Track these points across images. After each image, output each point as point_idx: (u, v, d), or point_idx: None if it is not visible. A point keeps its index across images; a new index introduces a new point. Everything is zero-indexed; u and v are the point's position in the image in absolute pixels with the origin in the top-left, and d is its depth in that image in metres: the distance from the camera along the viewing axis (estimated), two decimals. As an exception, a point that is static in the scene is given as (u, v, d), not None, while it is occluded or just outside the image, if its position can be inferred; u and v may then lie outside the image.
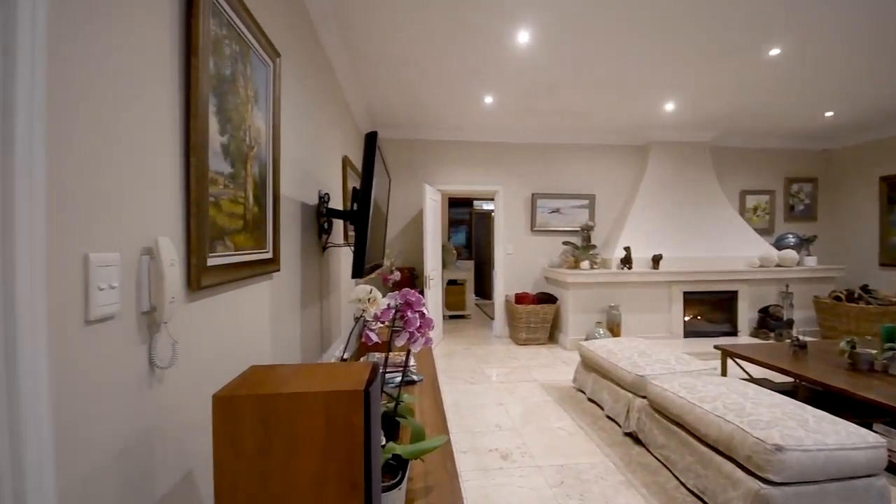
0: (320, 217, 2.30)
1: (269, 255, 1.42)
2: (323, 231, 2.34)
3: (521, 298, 5.19)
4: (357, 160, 3.87)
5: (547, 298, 5.20)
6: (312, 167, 2.24)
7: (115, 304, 0.68)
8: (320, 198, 2.31)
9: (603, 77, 3.63)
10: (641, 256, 5.01)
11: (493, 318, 6.05)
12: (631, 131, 5.41)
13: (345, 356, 1.47)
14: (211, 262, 0.98)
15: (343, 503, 0.66)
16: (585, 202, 5.60)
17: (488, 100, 4.20)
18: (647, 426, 2.52)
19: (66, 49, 0.60)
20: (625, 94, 4.07)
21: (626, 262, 4.90)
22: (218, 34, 1.03)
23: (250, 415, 0.65)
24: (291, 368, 0.78)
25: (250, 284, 1.31)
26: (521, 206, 5.55)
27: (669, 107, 4.42)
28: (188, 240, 0.91)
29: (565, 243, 5.23)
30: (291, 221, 1.80)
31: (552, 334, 5.25)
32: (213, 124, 1.00)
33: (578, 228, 5.47)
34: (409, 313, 0.99)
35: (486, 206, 8.77)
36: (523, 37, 2.90)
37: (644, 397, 2.63)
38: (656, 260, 4.94)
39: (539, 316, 5.05)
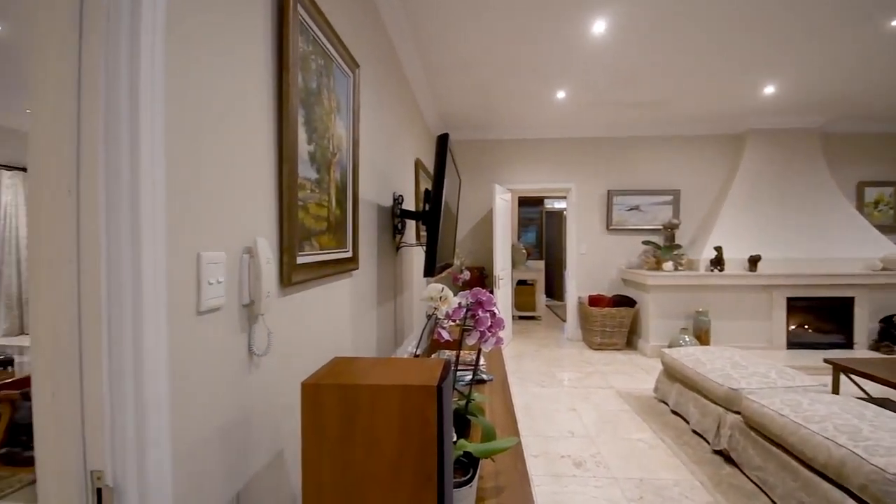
0: (394, 218, 2.39)
1: (350, 255, 1.51)
2: (397, 231, 2.43)
3: (595, 300, 4.97)
4: (429, 162, 3.96)
5: (624, 301, 4.93)
6: (387, 170, 2.33)
7: (221, 297, 0.77)
8: (394, 199, 2.41)
9: (690, 62, 3.36)
10: (735, 257, 4.55)
11: (564, 321, 5.87)
12: (723, 119, 4.93)
13: (417, 352, 1.52)
14: (300, 260, 1.07)
15: (417, 494, 0.69)
16: (668, 198, 5.21)
17: (560, 95, 4.08)
18: (740, 445, 2.29)
19: (180, 68, 0.69)
20: (716, 79, 3.72)
21: (717, 263, 4.48)
22: (305, 50, 1.12)
23: (334, 403, 0.69)
24: (370, 361, 0.82)
25: (333, 281, 1.40)
26: (595, 203, 5.32)
27: (770, 90, 3.96)
28: (281, 240, 1.00)
29: (645, 242, 4.92)
30: (368, 222, 1.89)
31: (630, 339, 4.96)
32: (302, 134, 1.09)
33: (661, 227, 5.11)
34: (480, 312, 1.00)
35: (558, 205, 8.51)
36: (599, 27, 2.78)
37: (738, 413, 2.39)
38: (753, 261, 4.46)
39: (615, 319, 4.80)
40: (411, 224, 2.90)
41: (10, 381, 2.49)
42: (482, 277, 5.32)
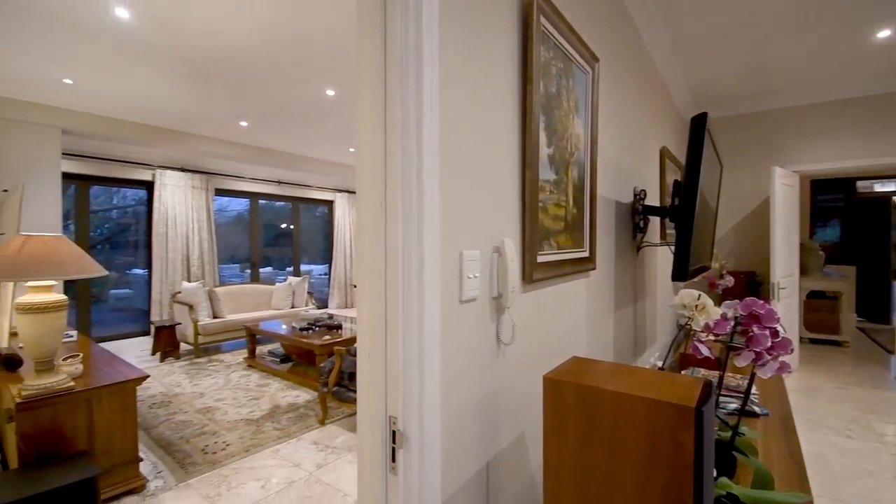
0: (635, 215, 2.21)
1: (586, 254, 1.48)
2: (638, 230, 2.24)
3: (958, 328, 3.32)
4: (677, 150, 3.48)
5: None
6: (626, 164, 2.17)
7: (476, 289, 0.88)
8: (635, 195, 2.22)
9: None
10: None
11: (890, 352, 4.15)
12: None
13: (662, 365, 1.36)
14: (540, 259, 1.12)
15: (668, 523, 0.62)
16: None
17: (884, 34, 2.89)
18: None
19: (449, 112, 0.82)
20: None
21: None
22: (546, 58, 1.15)
23: (573, 401, 0.70)
24: (611, 366, 0.79)
25: (570, 281, 1.41)
26: (961, 183, 3.54)
27: None
28: (523, 240, 1.07)
29: None
30: (605, 221, 1.81)
31: None
32: (542, 139, 1.13)
33: None
34: (755, 329, 0.82)
35: (879, 188, 6.07)
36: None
37: None
38: None
39: None
40: (655, 221, 2.62)
41: (340, 340, 3.58)
42: (752, 285, 4.31)
